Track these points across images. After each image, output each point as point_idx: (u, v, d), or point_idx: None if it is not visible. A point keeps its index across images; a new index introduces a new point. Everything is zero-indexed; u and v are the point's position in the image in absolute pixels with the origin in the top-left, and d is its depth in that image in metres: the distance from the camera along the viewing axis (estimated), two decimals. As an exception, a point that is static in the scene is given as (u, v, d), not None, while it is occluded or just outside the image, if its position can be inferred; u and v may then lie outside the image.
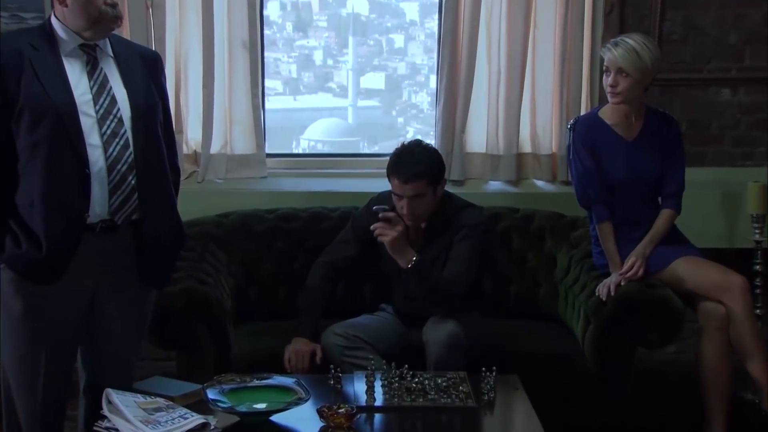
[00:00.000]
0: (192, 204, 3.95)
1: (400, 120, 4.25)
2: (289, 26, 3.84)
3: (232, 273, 3.96)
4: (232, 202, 4.22)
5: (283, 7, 3.74)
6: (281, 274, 4.07)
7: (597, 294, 3.66)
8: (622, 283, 3.64)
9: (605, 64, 3.71)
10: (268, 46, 3.97)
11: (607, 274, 3.74)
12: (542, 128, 4.50)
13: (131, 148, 2.84)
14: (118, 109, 2.84)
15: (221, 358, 3.54)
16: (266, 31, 3.93)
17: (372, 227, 3.42)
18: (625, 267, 3.69)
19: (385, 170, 3.64)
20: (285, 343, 3.53)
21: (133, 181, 2.85)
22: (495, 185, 4.51)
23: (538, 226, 4.23)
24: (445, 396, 3.05)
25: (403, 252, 3.44)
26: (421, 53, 4.07)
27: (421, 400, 3.03)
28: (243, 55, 4.32)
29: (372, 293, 4.03)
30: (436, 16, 4.13)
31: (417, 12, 3.81)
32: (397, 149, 3.58)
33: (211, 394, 2.90)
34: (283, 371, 3.35)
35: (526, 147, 4.52)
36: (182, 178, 4.20)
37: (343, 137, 4.39)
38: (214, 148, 4.38)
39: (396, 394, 3.03)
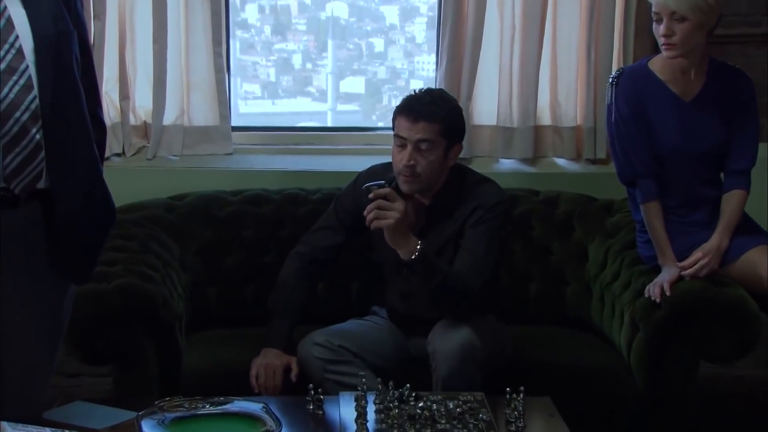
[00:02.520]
0: (140, 186, 3.59)
1: (381, 124, 4.15)
2: (267, 29, 3.85)
3: (186, 268, 3.39)
4: (189, 184, 3.68)
5: (261, 10, 3.77)
6: (249, 270, 3.51)
7: (647, 294, 3.08)
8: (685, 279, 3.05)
9: (654, 9, 3.11)
10: (246, 50, 3.89)
11: (659, 270, 3.14)
12: (565, 96, 3.93)
13: (35, 91, 2.23)
14: (17, 37, 2.22)
15: (168, 376, 3.03)
16: (244, 35, 3.83)
17: (365, 212, 2.85)
18: (689, 260, 3.09)
19: (374, 146, 3.35)
20: (252, 355, 3.03)
21: (38, 136, 2.24)
22: (507, 164, 3.97)
23: (563, 212, 3.63)
24: (459, 426, 2.51)
25: (405, 239, 2.88)
26: (401, 57, 4.09)
27: (428, 431, 2.50)
28: (203, 3, 3.75)
29: (361, 293, 3.51)
30: (417, 18, 3.81)
31: (397, 16, 3.83)
32: (413, 91, 3.08)
33: (148, 426, 2.33)
34: (248, 392, 2.88)
35: (545, 118, 3.96)
36: (129, 153, 3.64)
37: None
38: (168, 118, 3.81)
39: (395, 422, 2.52)
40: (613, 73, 3.31)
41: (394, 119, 3.03)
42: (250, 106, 4.20)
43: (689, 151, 3.17)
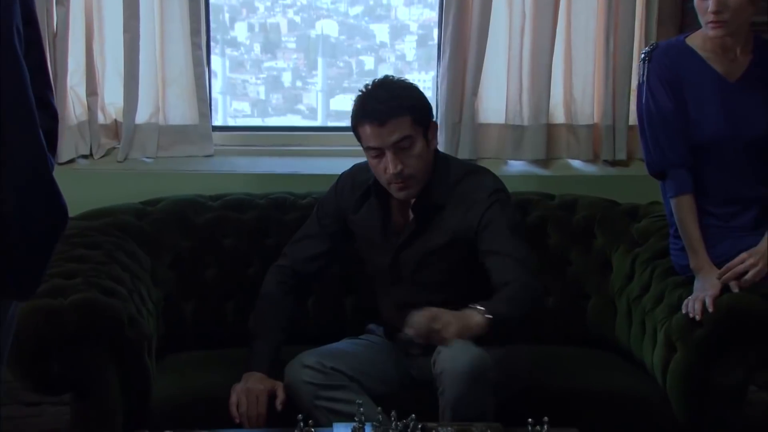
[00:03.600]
0: (109, 191, 3.31)
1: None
2: (257, 47, 3.87)
3: (158, 281, 3.07)
4: (165, 189, 3.36)
5: (251, 28, 3.78)
6: (229, 283, 3.20)
7: (684, 310, 2.73)
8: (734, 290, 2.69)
9: None
10: (235, 68, 3.88)
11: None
12: (580, 90, 3.67)
13: None
14: None
15: (135, 406, 2.69)
16: (233, 53, 3.85)
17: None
18: (734, 261, 2.72)
19: None
20: (233, 380, 2.73)
21: None
22: (517, 166, 3.71)
23: (583, 217, 3.30)
24: (475, 463, 2.19)
25: (468, 322, 2.45)
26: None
27: (439, 469, 2.19)
28: (180, -11, 3.51)
29: (356, 309, 3.22)
30: (407, 36, 3.79)
31: (387, 34, 3.82)
32: (360, 91, 2.77)
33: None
34: (228, 423, 2.65)
35: (559, 116, 3.70)
36: (97, 155, 3.36)
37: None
38: (142, 116, 3.55)
39: (399, 459, 2.23)
40: (646, 48, 2.97)
41: (354, 129, 2.74)
42: (240, 124, 4.15)
43: (734, 139, 2.82)
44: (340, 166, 3.36)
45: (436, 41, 3.69)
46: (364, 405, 2.37)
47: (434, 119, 2.78)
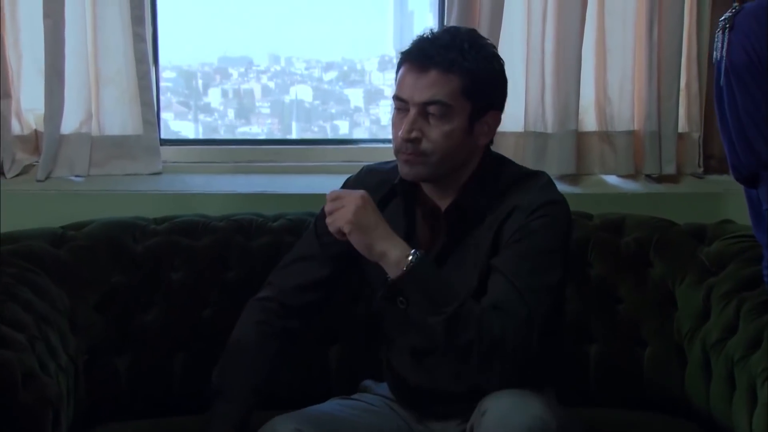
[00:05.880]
0: (26, 218, 2.67)
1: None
2: (231, 113, 3.84)
3: (79, 328, 2.39)
4: (98, 214, 2.72)
5: (224, 94, 3.80)
6: (178, 330, 2.55)
7: None
8: None
9: None
10: (208, 133, 3.79)
11: None
12: (617, 90, 3.08)
13: None
14: None
15: None
16: (207, 119, 3.83)
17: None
18: None
19: (349, 163, 2.88)
20: None
21: None
22: None
23: (633, 240, 2.64)
24: None
25: (385, 242, 1.97)
26: (367, 139, 4.30)
27: None
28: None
29: (345, 360, 2.61)
30: (381, 101, 3.72)
31: (362, 99, 3.83)
32: (425, 29, 2.10)
33: None
34: None
35: (590, 121, 3.12)
36: (11, 173, 2.89)
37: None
38: (69, 125, 2.98)
39: None
40: (728, 12, 2.30)
41: (397, 73, 2.08)
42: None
43: None
44: (319, 184, 2.90)
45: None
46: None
47: (499, 111, 2.12)
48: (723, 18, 2.22)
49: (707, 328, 2.40)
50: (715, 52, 2.24)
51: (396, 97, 2.02)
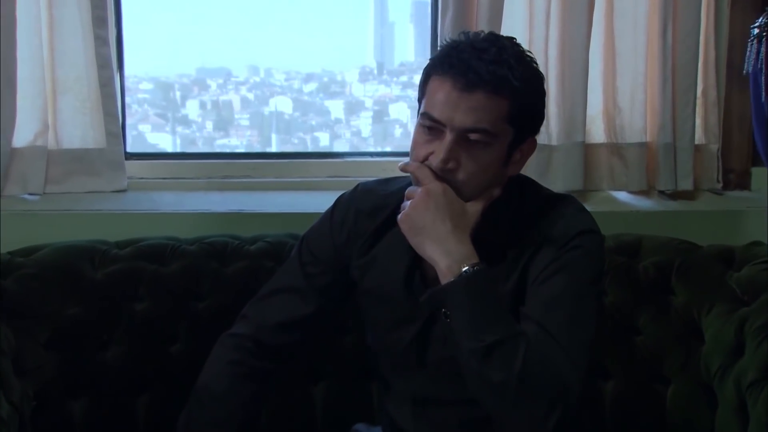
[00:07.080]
0: None
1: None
2: (209, 125, 3.86)
3: (27, 368, 2.13)
4: (55, 236, 2.47)
5: (203, 106, 3.83)
6: (141, 369, 2.32)
7: None
8: None
9: None
10: (186, 146, 3.80)
11: None
12: (628, 98, 2.89)
13: None
14: None
15: None
16: (185, 131, 3.88)
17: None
18: None
19: (334, 178, 2.79)
20: None
21: None
22: None
23: (653, 265, 2.38)
24: None
25: (433, 242, 1.72)
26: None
27: None
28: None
29: (331, 402, 2.37)
30: (362, 113, 3.77)
31: (342, 110, 3.87)
32: (462, 34, 1.79)
33: None
34: None
35: (598, 132, 2.93)
36: None
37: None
38: (22, 138, 2.76)
39: None
40: (758, 19, 2.09)
41: (423, 83, 1.77)
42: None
43: None
44: (301, 202, 2.73)
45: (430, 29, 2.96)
46: None
47: (535, 136, 1.83)
48: (756, 24, 2.02)
49: (742, 366, 2.12)
50: (746, 63, 2.04)
51: (428, 117, 1.71)
